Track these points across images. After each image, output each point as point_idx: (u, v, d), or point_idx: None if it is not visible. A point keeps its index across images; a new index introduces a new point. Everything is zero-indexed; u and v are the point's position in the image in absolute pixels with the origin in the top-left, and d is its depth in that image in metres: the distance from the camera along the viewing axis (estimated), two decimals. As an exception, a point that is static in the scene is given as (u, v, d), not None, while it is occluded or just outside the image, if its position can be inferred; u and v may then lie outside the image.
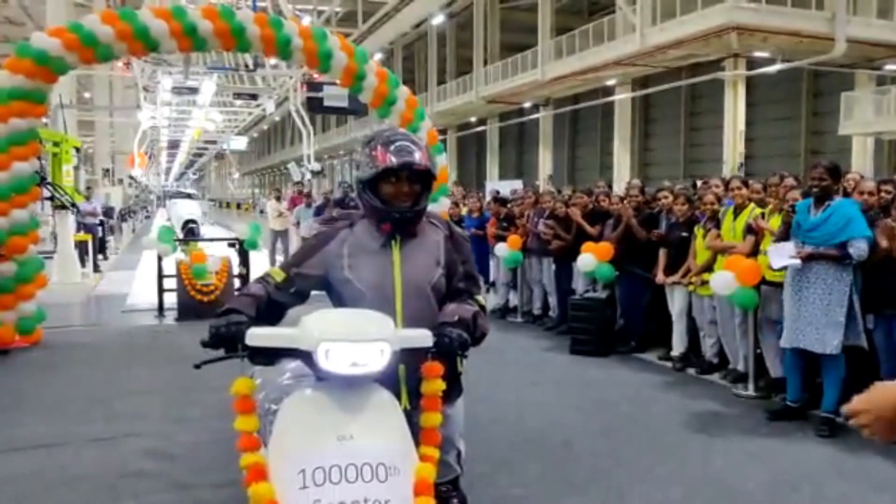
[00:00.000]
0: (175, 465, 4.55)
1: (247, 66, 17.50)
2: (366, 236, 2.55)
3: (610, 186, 8.81)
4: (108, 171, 32.50)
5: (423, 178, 2.51)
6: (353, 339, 2.10)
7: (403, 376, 2.43)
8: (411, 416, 2.31)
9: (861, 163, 23.16)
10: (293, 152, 59.95)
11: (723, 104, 23.69)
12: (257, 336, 2.21)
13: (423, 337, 2.28)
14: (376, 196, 2.48)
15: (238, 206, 50.89)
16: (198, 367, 2.34)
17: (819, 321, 4.92)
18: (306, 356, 2.14)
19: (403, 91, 9.01)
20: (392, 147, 2.46)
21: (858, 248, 4.81)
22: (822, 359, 5.04)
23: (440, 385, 2.33)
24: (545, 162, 32.59)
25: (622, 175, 27.66)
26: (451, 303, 2.53)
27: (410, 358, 2.29)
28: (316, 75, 14.78)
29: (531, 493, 4.04)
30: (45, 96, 8.04)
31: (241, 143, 35.70)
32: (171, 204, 27.95)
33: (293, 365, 2.57)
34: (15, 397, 6.06)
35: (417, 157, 2.45)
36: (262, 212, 49.98)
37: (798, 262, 4.98)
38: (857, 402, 1.59)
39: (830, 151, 26.73)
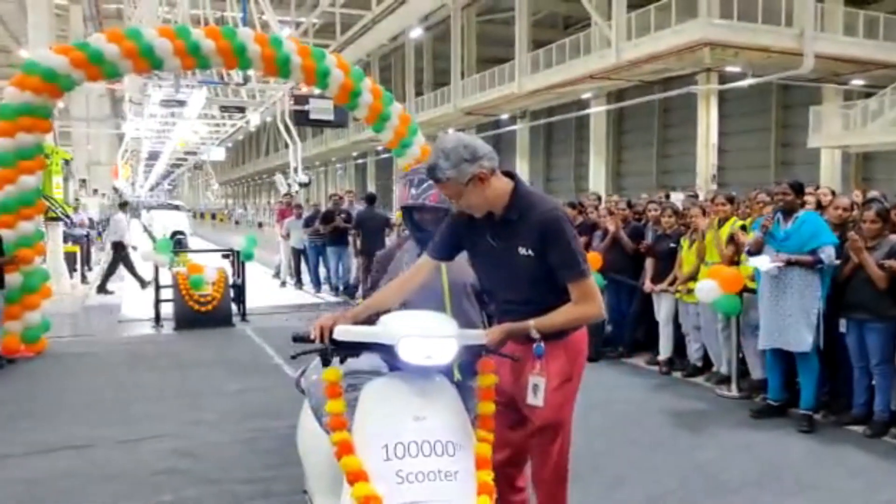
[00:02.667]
0: (202, 463, 4.83)
1: (231, 79, 17.72)
2: (416, 250, 3.22)
3: (599, 199, 9.16)
4: (84, 181, 32.32)
5: (445, 210, 3.09)
6: (429, 335, 2.48)
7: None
8: (461, 386, 2.72)
9: (829, 174, 23.92)
10: (268, 162, 60.08)
11: (694, 116, 24.31)
12: (344, 332, 2.56)
13: (478, 335, 2.69)
14: (411, 220, 3.23)
15: (213, 216, 50.69)
16: (294, 357, 2.69)
17: (796, 322, 5.35)
18: (387, 349, 2.49)
19: (397, 107, 9.36)
20: (414, 187, 3.15)
21: (829, 254, 5.29)
22: (798, 359, 5.47)
23: (493, 379, 2.71)
24: (522, 172, 33.04)
25: (597, 185, 28.21)
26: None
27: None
28: (304, 88, 15.06)
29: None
30: (52, 112, 8.28)
31: (219, 153, 35.85)
32: (155, 215, 27.80)
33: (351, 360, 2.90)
34: (32, 403, 6.30)
35: (433, 195, 3.09)
36: (237, 222, 49.92)
37: (775, 267, 5.41)
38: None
39: (799, 163, 27.56)
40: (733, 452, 4.97)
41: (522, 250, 2.79)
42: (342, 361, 2.66)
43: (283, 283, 14.38)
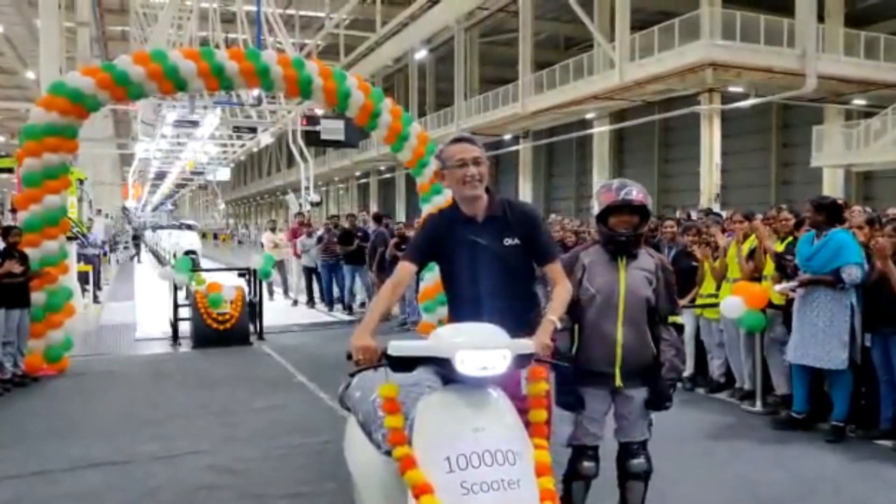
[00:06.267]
0: (241, 479, 4.87)
1: (244, 100, 17.87)
2: (598, 255, 3.48)
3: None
4: (90, 202, 32.34)
5: (639, 212, 3.37)
6: (484, 347, 2.54)
7: None
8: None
9: (831, 193, 24.08)
10: (270, 183, 60.27)
11: (694, 136, 24.51)
12: (398, 348, 2.62)
13: (528, 345, 2.72)
14: (605, 225, 3.39)
15: (215, 236, 50.70)
16: (352, 375, 2.74)
17: (824, 340, 5.43)
18: (443, 362, 2.55)
19: (416, 127, 9.49)
20: (616, 189, 3.39)
21: (850, 274, 5.34)
22: (831, 374, 5.54)
23: (544, 386, 2.79)
24: (525, 191, 33.24)
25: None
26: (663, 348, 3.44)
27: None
28: (318, 110, 15.23)
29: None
30: (77, 132, 8.37)
31: (225, 173, 36.05)
32: (163, 234, 27.84)
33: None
34: (65, 420, 6.34)
35: (634, 194, 3.32)
36: (240, 242, 49.93)
37: (788, 288, 5.63)
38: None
39: (800, 182, 27.78)
40: (768, 466, 5.02)
41: (509, 241, 3.14)
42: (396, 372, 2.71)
43: (295, 302, 14.44)
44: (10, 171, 14.88)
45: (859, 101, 24.31)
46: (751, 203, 21.29)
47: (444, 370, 2.59)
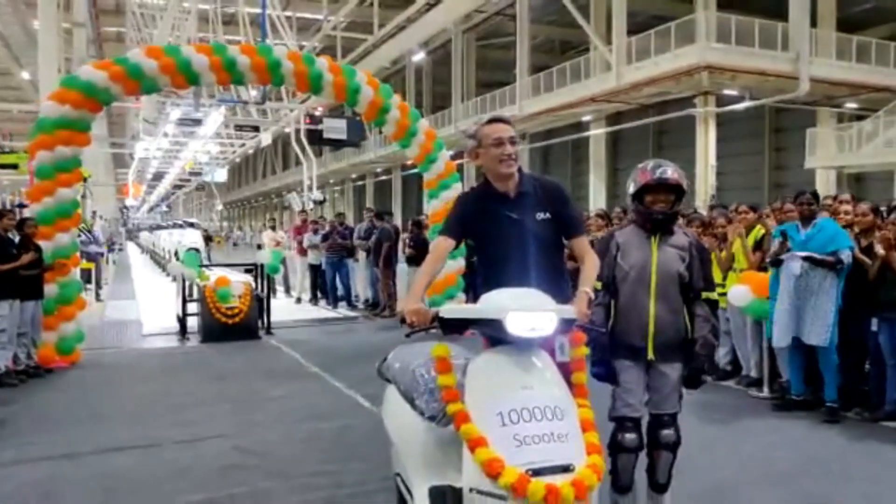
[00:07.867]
0: (265, 460, 4.98)
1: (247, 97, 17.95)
2: (632, 234, 3.63)
3: (624, 211, 9.39)
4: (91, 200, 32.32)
5: (675, 191, 3.49)
6: (533, 309, 2.69)
7: None
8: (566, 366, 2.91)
9: (824, 194, 24.27)
10: (263, 185, 60.25)
11: (688, 139, 24.70)
12: (452, 311, 2.77)
13: (571, 310, 2.86)
14: (641, 204, 3.52)
15: (210, 238, 50.42)
16: (408, 336, 2.88)
17: (818, 319, 5.67)
18: (493, 324, 2.68)
19: (423, 124, 9.61)
20: (651, 168, 3.49)
21: (847, 256, 5.65)
22: (819, 355, 5.76)
23: (585, 350, 2.91)
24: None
25: (597, 204, 28.54)
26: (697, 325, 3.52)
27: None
28: (320, 109, 15.34)
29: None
30: (90, 125, 8.45)
31: (222, 174, 36.06)
32: (163, 234, 27.75)
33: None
34: (85, 409, 6.43)
35: (669, 174, 3.43)
36: (235, 244, 49.80)
37: (800, 266, 5.75)
38: None
39: (792, 184, 27.98)
40: (777, 447, 5.17)
41: (540, 215, 3.26)
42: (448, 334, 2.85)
43: (299, 300, 14.51)
44: (13, 167, 14.92)
45: (851, 105, 24.58)
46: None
47: (493, 331, 2.73)
